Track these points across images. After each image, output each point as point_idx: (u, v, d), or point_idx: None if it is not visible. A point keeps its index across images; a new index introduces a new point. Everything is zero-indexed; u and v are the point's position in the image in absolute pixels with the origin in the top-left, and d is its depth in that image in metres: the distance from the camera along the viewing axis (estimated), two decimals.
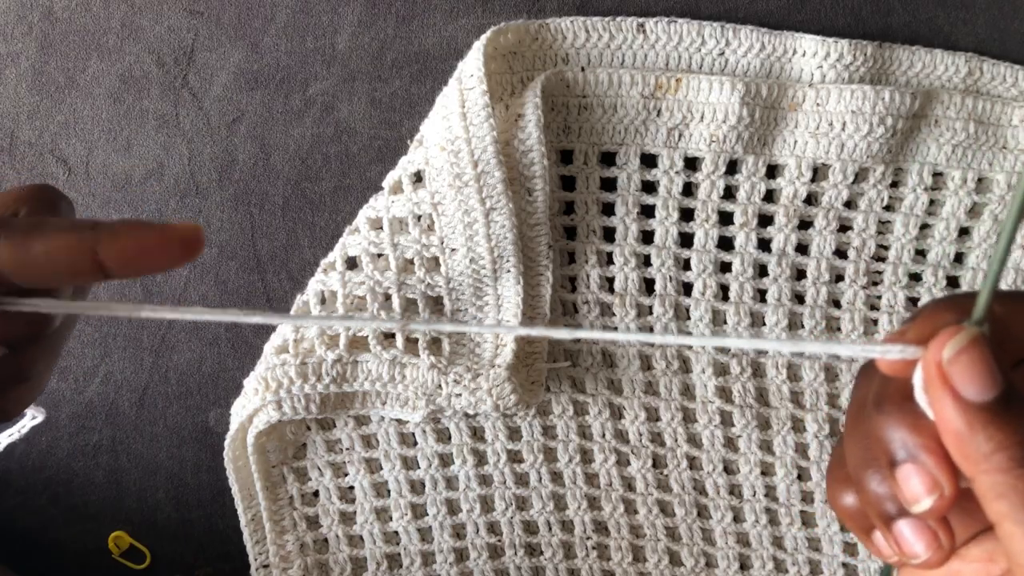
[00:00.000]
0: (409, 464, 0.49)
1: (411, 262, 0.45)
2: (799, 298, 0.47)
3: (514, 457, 0.48)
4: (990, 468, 0.22)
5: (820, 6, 0.45)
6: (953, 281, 0.47)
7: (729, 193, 0.46)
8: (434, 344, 0.45)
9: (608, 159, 0.45)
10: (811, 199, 0.46)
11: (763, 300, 0.47)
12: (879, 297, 0.47)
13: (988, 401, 0.22)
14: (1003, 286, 0.47)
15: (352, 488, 0.49)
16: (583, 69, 0.43)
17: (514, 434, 0.48)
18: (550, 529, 0.49)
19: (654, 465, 0.48)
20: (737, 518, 0.49)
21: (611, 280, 0.47)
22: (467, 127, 0.42)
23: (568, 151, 0.45)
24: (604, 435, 0.48)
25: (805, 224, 0.46)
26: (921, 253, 0.47)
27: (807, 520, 0.49)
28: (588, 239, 0.46)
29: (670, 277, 0.46)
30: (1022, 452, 0.22)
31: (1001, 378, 0.23)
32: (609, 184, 0.46)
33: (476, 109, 0.41)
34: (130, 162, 0.47)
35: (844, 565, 0.49)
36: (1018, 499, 0.22)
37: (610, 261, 0.46)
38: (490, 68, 0.43)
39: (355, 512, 0.49)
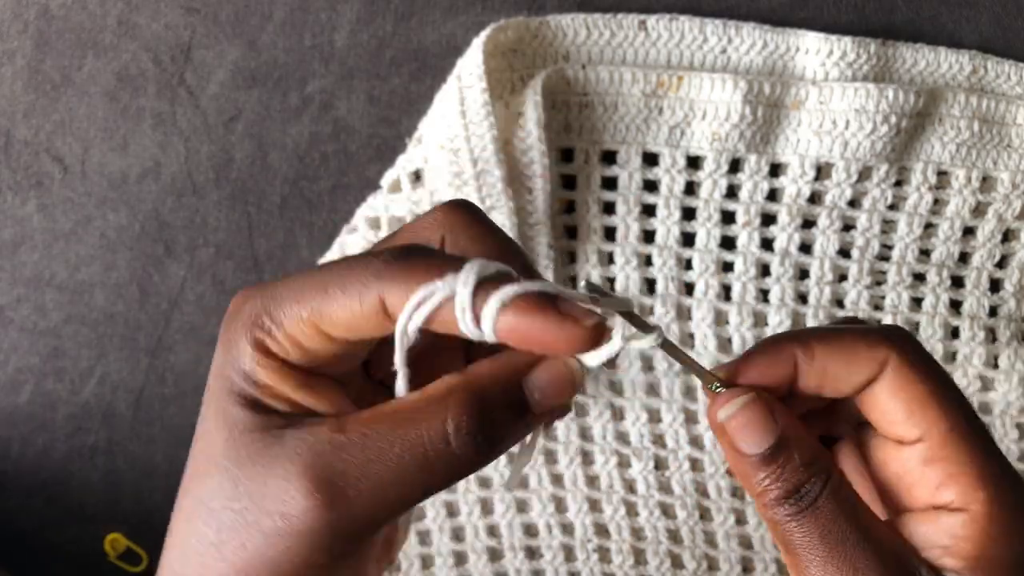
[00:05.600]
0: None
1: None
2: (802, 298, 0.47)
3: (514, 459, 0.48)
4: (761, 504, 0.27)
5: (823, 3, 0.45)
6: (957, 280, 0.47)
7: (731, 192, 0.45)
8: None
9: (609, 158, 0.45)
10: (814, 198, 0.45)
11: (766, 300, 0.46)
12: (883, 297, 0.47)
13: (765, 448, 0.26)
14: (1008, 286, 0.47)
15: None
16: (584, 67, 0.43)
17: None
18: (550, 532, 0.49)
19: (656, 467, 0.48)
20: (739, 520, 0.48)
21: (612, 280, 0.46)
22: (466, 125, 0.41)
23: (569, 149, 0.45)
24: (605, 437, 0.47)
25: (808, 223, 0.46)
26: (925, 252, 0.47)
27: None
28: (589, 238, 0.46)
29: (672, 277, 0.46)
30: (781, 492, 0.26)
31: (775, 430, 0.26)
32: (610, 183, 0.45)
33: (475, 107, 0.41)
34: (126, 161, 0.47)
35: None
36: (775, 530, 0.27)
37: (611, 261, 0.46)
38: (490, 66, 0.42)
39: None
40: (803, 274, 0.46)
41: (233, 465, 0.25)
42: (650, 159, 0.45)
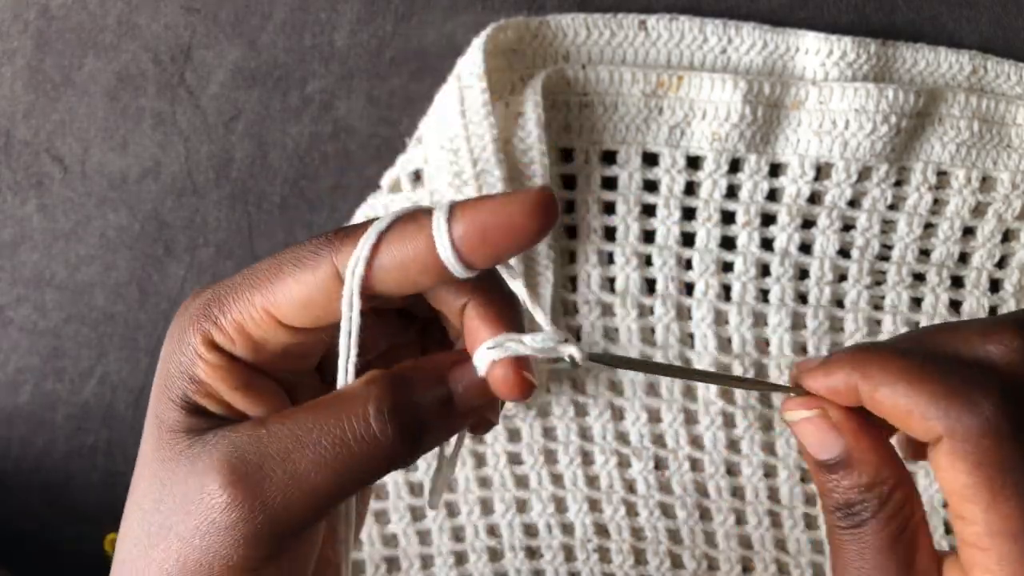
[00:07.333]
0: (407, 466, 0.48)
1: None
2: (802, 298, 0.47)
3: (514, 459, 0.48)
4: (824, 507, 0.27)
5: (823, 3, 0.45)
6: (957, 280, 0.47)
7: (731, 192, 0.45)
8: None
9: (609, 158, 0.45)
10: (814, 198, 0.45)
11: (766, 300, 0.46)
12: (883, 297, 0.47)
13: (827, 459, 0.27)
14: (1008, 286, 0.47)
15: None
16: (584, 67, 0.43)
17: (514, 436, 0.48)
18: (550, 532, 0.49)
19: (656, 467, 0.48)
20: (739, 520, 0.48)
21: (612, 280, 0.46)
22: (466, 125, 0.41)
23: (569, 149, 0.45)
24: (605, 437, 0.47)
25: (808, 223, 0.46)
26: (925, 252, 0.47)
27: (810, 522, 0.48)
28: (589, 238, 0.46)
29: (672, 277, 0.46)
30: (833, 503, 0.27)
31: (838, 447, 0.26)
32: (610, 183, 0.45)
33: (475, 107, 0.41)
34: (126, 161, 0.47)
35: None
36: (828, 532, 0.27)
37: (611, 261, 0.46)
38: (490, 66, 0.42)
39: None
40: (803, 274, 0.46)
41: (160, 467, 0.24)
42: (650, 159, 0.45)
